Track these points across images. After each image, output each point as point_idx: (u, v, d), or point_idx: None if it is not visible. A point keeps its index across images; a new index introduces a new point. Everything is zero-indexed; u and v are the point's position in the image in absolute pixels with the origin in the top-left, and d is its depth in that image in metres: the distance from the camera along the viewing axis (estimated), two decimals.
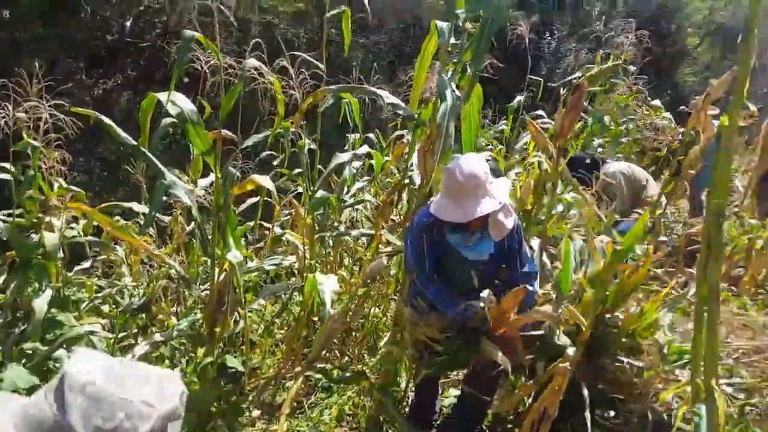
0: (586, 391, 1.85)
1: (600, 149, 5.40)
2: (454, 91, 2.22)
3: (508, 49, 4.76)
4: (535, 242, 2.76)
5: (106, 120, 2.18)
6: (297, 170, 3.74)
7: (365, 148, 3.71)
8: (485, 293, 2.12)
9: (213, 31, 2.17)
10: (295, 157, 3.71)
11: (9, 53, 10.76)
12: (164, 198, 2.55)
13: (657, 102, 5.38)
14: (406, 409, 2.85)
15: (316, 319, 3.33)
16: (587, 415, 1.79)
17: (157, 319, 3.77)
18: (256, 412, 2.93)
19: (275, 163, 4.23)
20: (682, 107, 5.66)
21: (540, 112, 5.25)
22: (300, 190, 3.89)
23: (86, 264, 3.61)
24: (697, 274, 1.29)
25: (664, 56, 19.25)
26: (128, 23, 12.45)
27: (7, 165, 2.74)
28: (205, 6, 2.40)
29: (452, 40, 2.33)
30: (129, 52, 12.42)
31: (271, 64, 2.77)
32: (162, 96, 2.20)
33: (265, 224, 4.25)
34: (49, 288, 2.69)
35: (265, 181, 2.64)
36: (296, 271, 4.08)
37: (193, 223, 3.22)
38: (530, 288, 2.21)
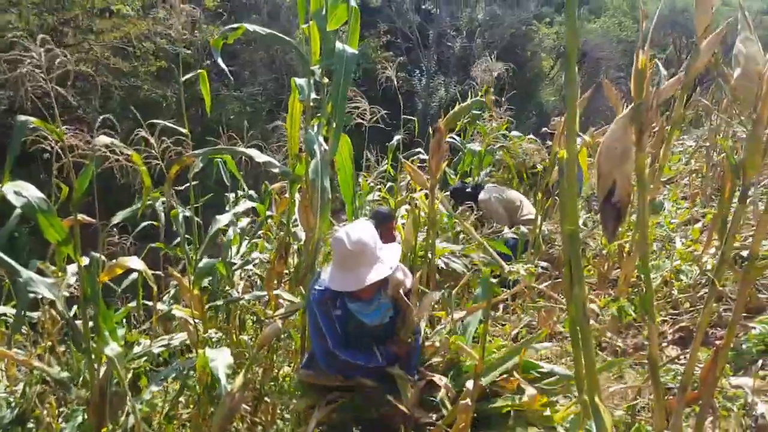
0: None
1: (486, 177, 5.66)
2: (322, 145, 2.22)
3: (381, 91, 4.90)
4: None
5: None
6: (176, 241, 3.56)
7: (246, 205, 3.61)
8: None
9: (53, 112, 2.02)
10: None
11: None
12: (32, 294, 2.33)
13: (516, 132, 5.74)
14: None
15: None
16: None
17: (45, 424, 3.39)
18: None
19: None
20: (544, 129, 6.08)
21: (419, 149, 5.44)
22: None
23: None
24: (565, 297, 1.34)
25: (525, 81, 20.83)
26: None
27: None
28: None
29: (313, 95, 2.35)
30: None
31: (130, 132, 2.65)
32: (6, 187, 2.01)
33: (149, 303, 3.99)
34: None
35: (134, 262, 2.48)
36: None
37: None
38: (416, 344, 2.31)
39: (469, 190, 4.95)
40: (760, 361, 2.26)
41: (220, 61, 2.42)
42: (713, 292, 1.49)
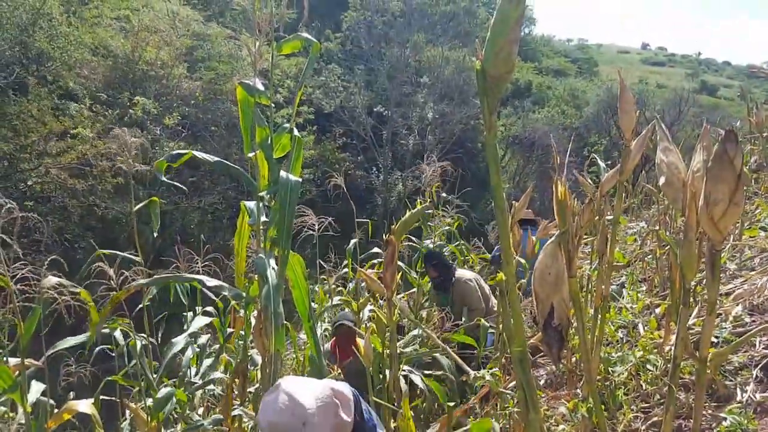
0: None
1: None
2: (274, 268, 2.21)
3: (336, 193, 5.02)
4: None
5: None
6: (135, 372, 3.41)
7: (202, 321, 3.51)
8: None
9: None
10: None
11: None
12: None
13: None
14: None
15: None
16: None
17: None
18: None
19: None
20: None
21: (375, 249, 5.49)
22: None
23: None
24: (522, 421, 1.31)
25: (479, 170, 21.65)
26: None
27: None
28: None
29: (264, 218, 2.37)
30: None
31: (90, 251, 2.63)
32: None
33: None
34: None
35: (84, 406, 2.34)
36: None
37: None
38: None
39: (446, 264, 4.81)
40: None
41: (163, 178, 2.46)
42: (671, 399, 1.48)
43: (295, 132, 2.23)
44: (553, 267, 1.10)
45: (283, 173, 2.09)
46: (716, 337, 2.89)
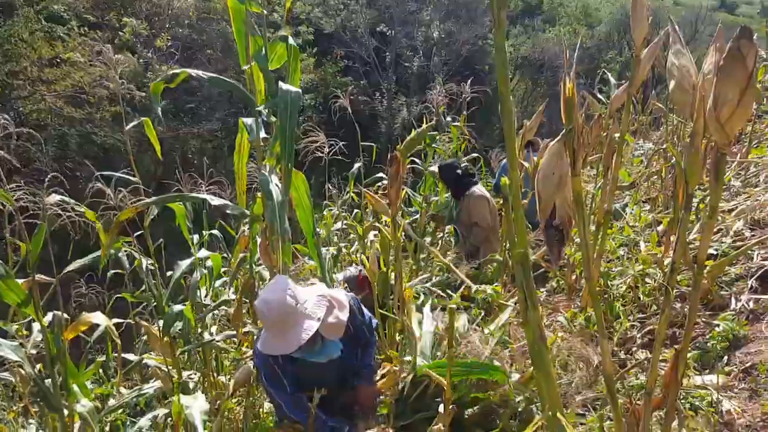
0: None
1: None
2: (277, 185, 2.21)
3: (339, 117, 4.92)
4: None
5: None
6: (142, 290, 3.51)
7: (204, 253, 3.57)
8: None
9: None
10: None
11: None
12: None
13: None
14: None
15: None
16: None
17: None
18: None
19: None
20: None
21: (381, 174, 5.47)
22: None
23: None
24: (522, 321, 1.35)
25: (486, 95, 21.17)
26: None
27: None
28: None
29: (263, 134, 2.35)
30: None
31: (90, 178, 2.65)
32: None
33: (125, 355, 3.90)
34: None
35: (98, 318, 2.43)
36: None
37: None
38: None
39: (460, 173, 4.68)
40: (725, 358, 2.31)
41: (159, 110, 2.40)
42: (668, 301, 1.52)
43: (291, 41, 2.17)
44: (557, 166, 1.10)
45: (282, 84, 2.04)
46: (715, 251, 2.93)
